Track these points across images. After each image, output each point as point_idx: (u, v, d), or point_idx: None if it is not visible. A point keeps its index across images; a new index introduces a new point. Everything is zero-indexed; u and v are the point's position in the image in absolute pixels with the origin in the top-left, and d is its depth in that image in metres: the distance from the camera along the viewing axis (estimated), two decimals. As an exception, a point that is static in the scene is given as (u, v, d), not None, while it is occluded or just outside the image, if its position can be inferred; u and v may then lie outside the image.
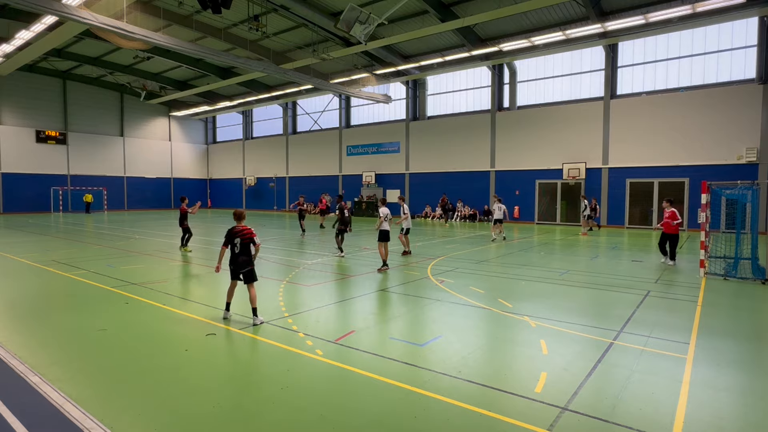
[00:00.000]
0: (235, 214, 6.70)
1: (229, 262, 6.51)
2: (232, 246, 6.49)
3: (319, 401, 4.06)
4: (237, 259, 6.46)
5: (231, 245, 6.49)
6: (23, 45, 23.62)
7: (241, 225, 6.57)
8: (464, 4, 21.23)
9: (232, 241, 6.46)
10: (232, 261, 6.49)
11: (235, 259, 6.46)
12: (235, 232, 6.46)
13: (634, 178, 22.76)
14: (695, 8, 17.13)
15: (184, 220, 13.41)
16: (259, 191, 41.61)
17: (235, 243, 6.46)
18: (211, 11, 17.20)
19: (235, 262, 6.46)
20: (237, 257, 6.46)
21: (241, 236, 6.45)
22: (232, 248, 6.50)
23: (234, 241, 6.45)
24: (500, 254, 13.52)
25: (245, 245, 6.46)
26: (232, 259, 6.49)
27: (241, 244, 6.44)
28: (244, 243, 6.46)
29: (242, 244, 6.45)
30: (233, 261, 6.48)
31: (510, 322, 6.49)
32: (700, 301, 7.73)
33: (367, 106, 33.97)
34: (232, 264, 6.47)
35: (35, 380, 4.38)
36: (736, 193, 10.43)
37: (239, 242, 6.45)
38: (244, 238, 6.46)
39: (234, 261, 6.47)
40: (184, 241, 13.52)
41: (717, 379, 4.55)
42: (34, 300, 7.84)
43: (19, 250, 13.93)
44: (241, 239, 6.45)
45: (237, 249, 6.46)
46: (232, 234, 6.45)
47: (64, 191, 36.32)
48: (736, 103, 20.02)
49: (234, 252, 6.49)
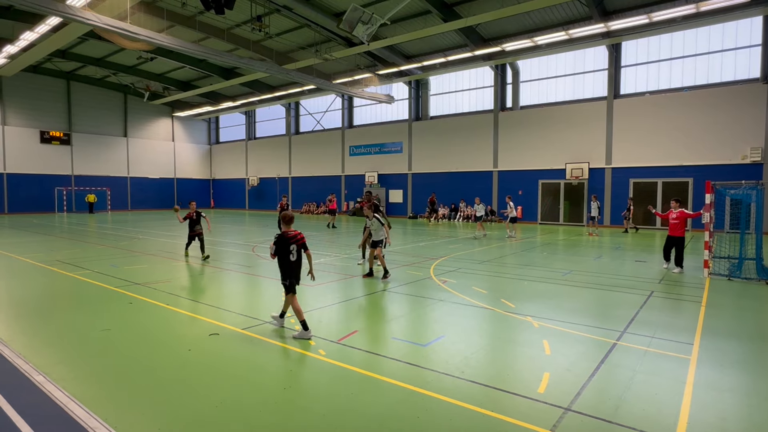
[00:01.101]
0: (285, 217, 6.00)
1: (287, 274, 5.77)
2: (287, 254, 5.76)
3: (322, 401, 4.06)
4: (294, 269, 5.77)
5: (284, 254, 5.75)
6: (28, 46, 23.75)
7: (292, 230, 5.91)
8: (467, 4, 21.22)
9: (287, 248, 5.74)
10: (290, 272, 5.76)
11: (292, 269, 5.77)
12: (289, 237, 5.78)
13: (638, 178, 22.68)
14: (699, 7, 17.06)
15: (194, 225, 11.95)
16: (262, 191, 41.69)
17: (291, 250, 5.75)
18: (214, 12, 17.28)
19: (292, 272, 5.77)
20: (294, 266, 5.78)
21: (296, 242, 5.81)
22: (286, 257, 5.77)
23: (290, 248, 5.75)
24: (503, 254, 13.50)
25: (299, 252, 5.87)
26: (290, 270, 5.76)
27: (297, 251, 5.83)
28: (298, 249, 5.85)
29: (298, 251, 5.84)
30: (290, 271, 5.76)
31: (513, 323, 6.48)
32: (704, 302, 7.69)
33: (369, 106, 33.98)
34: (290, 275, 5.76)
35: (39, 379, 4.40)
36: (740, 193, 10.37)
37: (296, 249, 5.80)
38: (300, 244, 5.84)
39: (291, 272, 5.76)
40: (201, 249, 12.06)
41: (721, 380, 4.53)
42: (39, 300, 7.87)
43: (24, 250, 13.99)
44: (297, 246, 5.82)
45: (294, 257, 5.79)
46: (285, 240, 5.75)
47: (68, 191, 36.48)
48: (741, 102, 19.93)
49: (289, 261, 5.77)
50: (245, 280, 9.82)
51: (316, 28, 23.61)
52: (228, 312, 6.98)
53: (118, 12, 19.29)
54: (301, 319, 5.71)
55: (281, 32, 24.93)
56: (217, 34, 24.75)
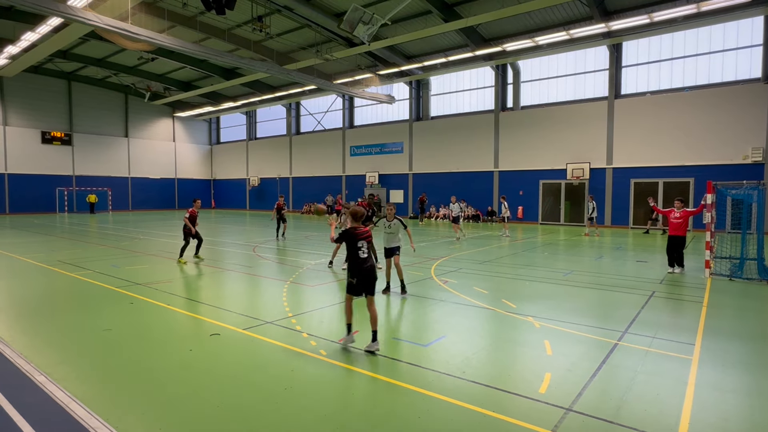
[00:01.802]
0: (355, 213, 5.55)
1: (353, 272, 5.27)
2: (356, 251, 5.29)
3: (323, 402, 4.06)
4: (364, 266, 5.24)
5: (353, 251, 5.30)
6: (29, 47, 23.79)
7: (361, 226, 5.48)
8: (467, 4, 21.22)
9: (355, 244, 5.28)
10: (358, 270, 5.23)
11: (362, 267, 5.24)
12: (358, 233, 5.31)
13: (639, 178, 22.66)
14: (700, 7, 17.04)
15: (194, 224, 11.78)
16: (263, 191, 41.71)
17: (359, 247, 5.28)
18: (215, 12, 17.29)
19: (361, 271, 5.23)
20: (363, 264, 5.24)
21: (366, 239, 5.34)
22: (355, 254, 5.30)
23: (358, 244, 5.28)
24: (504, 255, 13.49)
25: (370, 249, 5.44)
26: (358, 268, 5.24)
27: (368, 248, 5.38)
28: (368, 245, 5.40)
29: (369, 248, 5.41)
30: (359, 270, 5.23)
31: (514, 323, 6.47)
32: (706, 302, 7.68)
33: (370, 106, 33.99)
34: (358, 274, 5.22)
35: (41, 379, 4.41)
36: (741, 193, 10.36)
37: (365, 246, 5.32)
38: (369, 241, 5.40)
39: (359, 270, 5.23)
40: (195, 249, 11.97)
41: (723, 381, 4.52)
42: (40, 300, 7.88)
43: (25, 250, 14.01)
44: (367, 242, 5.36)
45: (364, 253, 5.29)
46: (353, 236, 5.28)
47: (69, 192, 36.52)
48: (742, 102, 19.90)
49: (359, 258, 5.27)
50: (246, 280, 9.82)
51: (316, 29, 23.62)
52: (229, 312, 6.98)
53: (119, 12, 19.32)
54: (349, 322, 5.37)
55: (282, 32, 24.94)
56: (217, 35, 24.77)
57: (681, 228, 10.31)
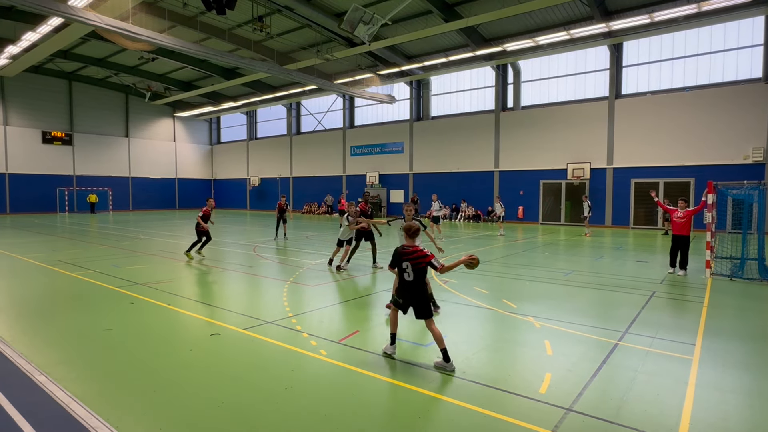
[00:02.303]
0: (409, 229, 5.07)
1: (400, 293, 4.99)
2: (402, 273, 4.91)
3: (323, 401, 4.06)
4: (407, 289, 4.89)
5: (401, 273, 4.94)
6: (29, 47, 23.81)
7: (412, 245, 4.95)
8: (468, 4, 21.21)
9: (401, 265, 4.89)
10: (403, 291, 4.93)
11: (404, 290, 4.91)
12: (403, 253, 4.87)
13: (639, 178, 22.65)
14: (701, 7, 17.03)
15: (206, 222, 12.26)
16: (263, 191, 41.72)
17: (404, 269, 4.86)
18: (216, 12, 17.28)
19: (404, 293, 4.92)
20: (407, 287, 4.88)
21: (411, 259, 4.80)
22: (401, 276, 4.94)
23: (403, 266, 4.86)
24: (504, 255, 13.49)
25: (420, 272, 4.83)
26: (402, 289, 4.94)
27: (413, 270, 4.81)
28: (419, 269, 4.82)
29: (415, 270, 4.82)
30: (404, 291, 4.93)
31: (514, 323, 6.47)
32: (706, 302, 7.68)
33: (370, 106, 33.99)
34: (404, 295, 4.93)
35: (41, 379, 4.41)
36: (742, 194, 10.35)
37: (410, 267, 4.81)
38: (416, 262, 4.79)
39: (404, 292, 4.92)
40: (200, 245, 12.34)
41: (723, 381, 4.51)
42: (41, 300, 7.89)
43: (26, 250, 14.02)
44: (411, 263, 4.81)
45: (409, 276, 4.84)
46: (398, 255, 4.90)
47: (70, 192, 36.55)
48: (743, 102, 19.89)
49: (404, 281, 4.90)
50: (247, 280, 9.82)
51: (317, 29, 23.63)
52: (229, 312, 6.98)
53: (119, 12, 19.34)
54: (392, 332, 5.11)
55: (282, 32, 24.95)
56: (218, 35, 24.77)
57: (685, 228, 10.24)
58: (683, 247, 10.25)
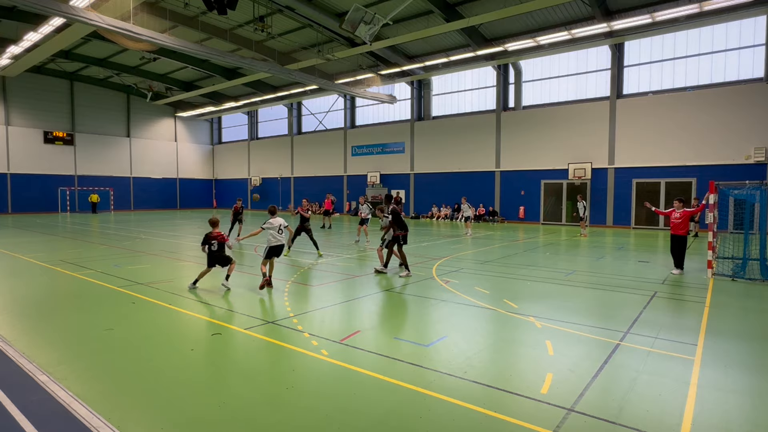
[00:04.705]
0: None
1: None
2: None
3: (325, 401, 4.06)
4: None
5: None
6: (31, 47, 23.86)
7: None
8: (469, 4, 21.20)
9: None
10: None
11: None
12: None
13: (641, 178, 22.62)
14: (702, 7, 17.00)
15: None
16: (264, 191, 41.75)
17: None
18: (217, 12, 17.30)
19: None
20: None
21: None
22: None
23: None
24: (505, 255, 13.48)
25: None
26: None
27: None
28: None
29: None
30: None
31: (515, 323, 6.46)
32: (708, 302, 7.66)
33: (371, 106, 33.99)
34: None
35: (43, 379, 4.41)
36: (744, 194, 10.33)
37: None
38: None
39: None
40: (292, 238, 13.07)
41: (725, 381, 4.50)
42: (42, 299, 7.90)
43: (27, 249, 14.04)
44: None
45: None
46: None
47: (71, 191, 36.61)
48: (744, 102, 19.85)
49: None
50: (247, 279, 9.82)
51: (318, 29, 23.63)
52: (230, 312, 6.99)
53: (121, 12, 19.35)
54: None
55: (283, 32, 24.95)
56: (219, 35, 24.79)
57: (680, 227, 10.31)
58: (680, 247, 10.33)
